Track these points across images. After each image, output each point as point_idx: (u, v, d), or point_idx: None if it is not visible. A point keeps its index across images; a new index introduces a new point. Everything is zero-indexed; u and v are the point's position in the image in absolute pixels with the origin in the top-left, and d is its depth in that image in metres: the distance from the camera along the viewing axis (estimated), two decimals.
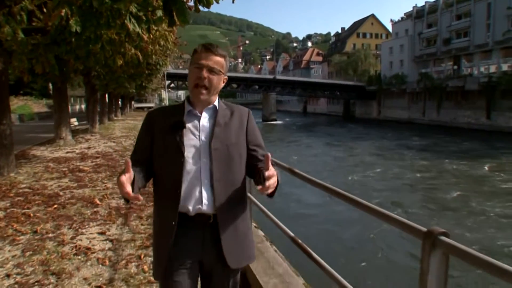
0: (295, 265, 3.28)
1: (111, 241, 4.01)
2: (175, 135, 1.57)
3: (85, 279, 3.16)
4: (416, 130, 40.83)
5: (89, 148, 12.21)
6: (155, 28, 5.49)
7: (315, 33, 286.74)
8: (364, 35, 78.90)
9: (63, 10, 4.59)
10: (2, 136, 6.97)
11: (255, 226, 4.15)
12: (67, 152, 11.04)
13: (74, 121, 17.34)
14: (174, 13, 2.99)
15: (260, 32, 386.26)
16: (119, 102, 37.27)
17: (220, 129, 1.61)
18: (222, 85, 1.67)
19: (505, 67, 38.95)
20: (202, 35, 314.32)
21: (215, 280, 1.66)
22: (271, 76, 66.25)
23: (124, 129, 21.07)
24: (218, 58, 1.60)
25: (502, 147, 27.23)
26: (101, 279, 3.17)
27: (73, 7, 4.57)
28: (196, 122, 1.62)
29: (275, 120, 60.31)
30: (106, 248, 3.82)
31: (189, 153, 1.56)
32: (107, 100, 26.96)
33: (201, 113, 1.63)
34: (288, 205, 12.42)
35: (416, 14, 54.13)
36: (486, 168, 20.06)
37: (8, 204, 5.40)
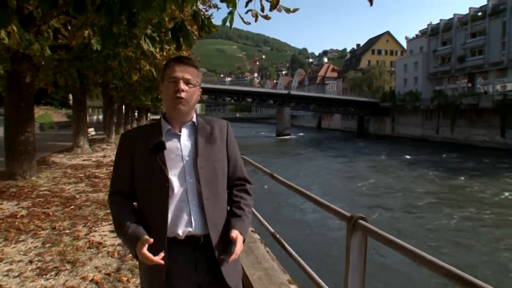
0: (290, 269, 3.62)
1: None
2: (156, 158, 1.49)
3: (96, 267, 3.62)
4: (428, 147, 40.71)
5: (104, 156, 12.83)
6: (168, 47, 6.04)
7: (331, 49, 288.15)
8: (379, 52, 79.27)
9: (86, 31, 5.18)
10: (26, 143, 7.59)
11: (252, 230, 4.55)
12: (84, 160, 11.67)
13: (91, 130, 18.13)
14: (180, 39, 3.48)
15: (276, 47, 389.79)
16: (135, 114, 38.30)
17: (204, 146, 1.56)
18: (199, 98, 1.63)
19: None
20: (219, 49, 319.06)
21: None
22: (285, 91, 66.87)
23: None
24: (192, 69, 1.56)
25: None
26: (110, 268, 3.62)
27: (95, 28, 5.15)
28: (176, 141, 1.55)
29: (289, 134, 60.67)
30: (116, 244, 4.28)
31: (173, 175, 1.50)
32: (123, 111, 27.86)
33: (180, 131, 1.57)
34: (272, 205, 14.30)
35: (431, 32, 54.32)
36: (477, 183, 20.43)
37: (30, 204, 5.96)
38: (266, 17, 3.55)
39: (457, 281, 1.13)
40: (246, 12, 3.49)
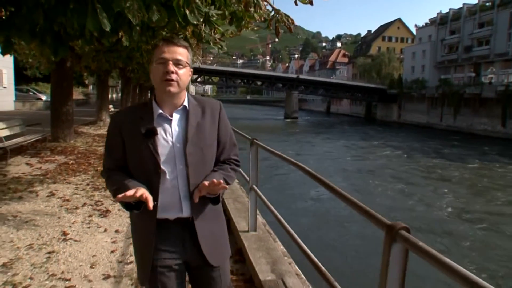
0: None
1: None
2: (148, 144, 1.49)
3: None
4: (430, 134, 41.90)
5: None
6: None
7: (345, 34, 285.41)
8: (390, 39, 79.76)
9: (120, 33, 7.16)
10: (67, 114, 9.76)
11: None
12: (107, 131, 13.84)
13: (111, 107, 20.30)
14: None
15: None
16: (148, 93, 40.65)
17: (194, 132, 1.54)
18: (189, 78, 1.59)
19: None
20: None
21: (203, 278, 1.64)
22: (294, 75, 67.99)
23: None
24: (182, 50, 1.51)
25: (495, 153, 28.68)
26: None
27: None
28: (167, 126, 1.53)
29: (296, 118, 61.91)
30: None
31: (164, 162, 1.50)
32: (137, 91, 30.06)
33: (171, 116, 1.55)
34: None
35: (440, 21, 54.89)
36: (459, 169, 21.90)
37: (75, 158, 8.16)
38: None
39: None
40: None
